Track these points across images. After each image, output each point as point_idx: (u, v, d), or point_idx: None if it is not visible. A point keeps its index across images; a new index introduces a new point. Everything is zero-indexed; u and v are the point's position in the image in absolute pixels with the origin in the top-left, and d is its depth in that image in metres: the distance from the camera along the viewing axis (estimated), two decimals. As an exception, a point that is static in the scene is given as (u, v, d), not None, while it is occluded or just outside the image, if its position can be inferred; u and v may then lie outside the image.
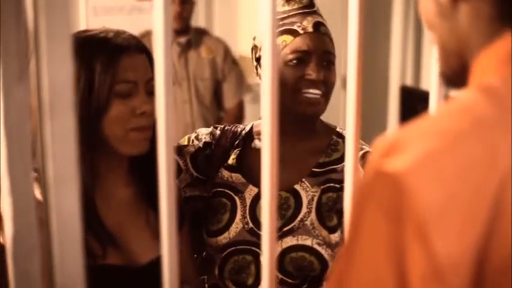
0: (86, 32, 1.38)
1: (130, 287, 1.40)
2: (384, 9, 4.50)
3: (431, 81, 1.02)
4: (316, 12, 1.52)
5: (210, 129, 1.61)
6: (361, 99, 0.94)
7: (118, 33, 1.38)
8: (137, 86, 1.34)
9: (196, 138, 1.59)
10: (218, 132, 1.60)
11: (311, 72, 1.45)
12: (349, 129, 0.95)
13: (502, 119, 0.70)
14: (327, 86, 1.47)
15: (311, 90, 1.45)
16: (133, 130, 1.34)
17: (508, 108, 0.71)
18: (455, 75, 0.83)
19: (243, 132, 1.59)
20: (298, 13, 1.49)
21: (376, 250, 0.70)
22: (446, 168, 0.68)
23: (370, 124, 3.33)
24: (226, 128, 1.61)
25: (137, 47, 1.36)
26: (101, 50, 1.34)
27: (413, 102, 4.16)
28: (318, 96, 1.46)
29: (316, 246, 1.43)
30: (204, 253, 1.58)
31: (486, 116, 0.71)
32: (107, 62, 1.32)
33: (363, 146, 1.49)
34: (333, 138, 1.55)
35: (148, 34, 3.32)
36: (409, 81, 4.49)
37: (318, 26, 1.48)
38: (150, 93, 1.35)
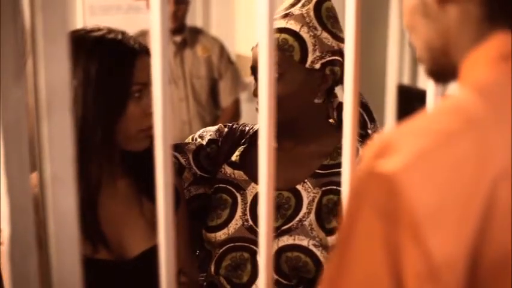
0: (91, 32, 1.38)
1: (118, 280, 1.41)
2: (381, 8, 4.50)
3: (428, 80, 1.02)
4: (288, 15, 1.44)
5: (218, 126, 1.62)
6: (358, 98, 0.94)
7: (124, 34, 1.39)
8: (147, 87, 1.36)
9: (201, 136, 1.60)
10: (226, 129, 1.61)
11: None
12: (347, 128, 0.95)
13: (495, 118, 0.71)
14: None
15: None
16: (143, 130, 1.37)
17: (501, 107, 0.71)
18: (444, 71, 0.83)
19: (251, 131, 1.60)
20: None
21: (371, 251, 0.70)
22: (438, 168, 0.68)
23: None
24: (234, 126, 1.62)
25: (146, 50, 1.38)
26: (115, 52, 1.36)
27: (411, 101, 4.15)
28: None
29: (312, 248, 1.43)
30: (202, 251, 1.58)
31: (479, 115, 0.71)
32: (124, 64, 1.35)
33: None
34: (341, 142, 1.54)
35: (143, 34, 3.31)
36: (406, 80, 4.49)
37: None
38: None
